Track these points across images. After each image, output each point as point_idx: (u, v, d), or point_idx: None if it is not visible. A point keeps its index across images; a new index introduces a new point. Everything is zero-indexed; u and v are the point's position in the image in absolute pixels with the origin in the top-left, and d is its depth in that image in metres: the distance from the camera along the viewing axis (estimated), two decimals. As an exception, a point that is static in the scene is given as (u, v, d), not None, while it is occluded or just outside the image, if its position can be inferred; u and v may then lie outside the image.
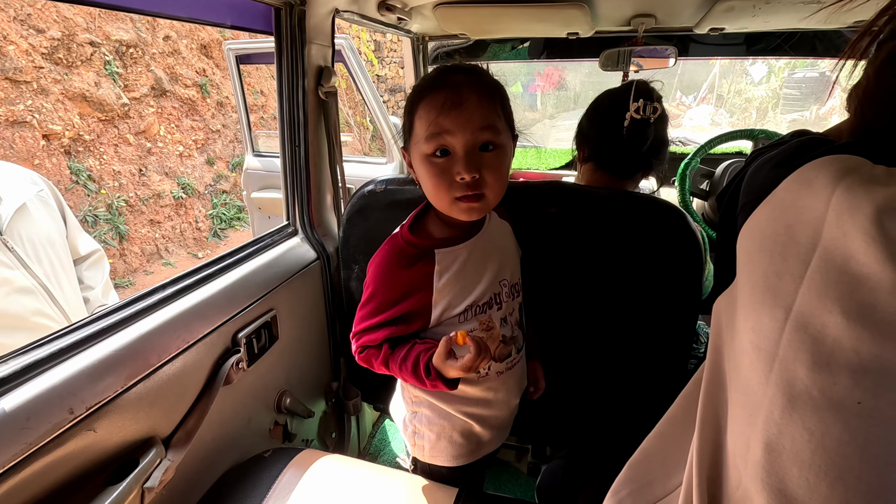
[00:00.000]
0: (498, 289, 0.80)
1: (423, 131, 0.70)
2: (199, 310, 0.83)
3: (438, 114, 0.68)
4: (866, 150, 0.41)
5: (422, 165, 0.72)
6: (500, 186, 0.73)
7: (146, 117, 4.92)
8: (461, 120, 0.67)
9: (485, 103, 0.70)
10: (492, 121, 0.70)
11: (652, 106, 1.01)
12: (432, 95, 0.70)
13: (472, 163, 0.68)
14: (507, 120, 0.75)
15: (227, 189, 5.95)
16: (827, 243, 0.37)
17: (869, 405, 0.33)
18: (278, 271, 1.05)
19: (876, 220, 0.33)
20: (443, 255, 0.76)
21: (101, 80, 4.47)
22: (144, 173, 4.89)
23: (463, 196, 0.70)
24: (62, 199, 1.20)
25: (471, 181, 0.69)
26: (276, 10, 1.01)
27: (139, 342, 0.72)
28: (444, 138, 0.68)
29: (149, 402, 0.73)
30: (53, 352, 0.63)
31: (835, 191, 0.37)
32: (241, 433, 0.97)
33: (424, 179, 0.73)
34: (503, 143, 0.72)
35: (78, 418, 0.62)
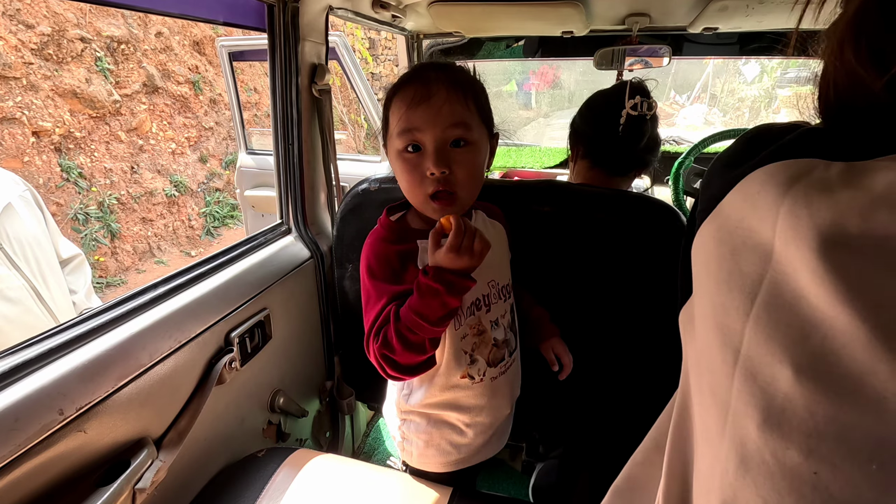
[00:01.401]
0: (486, 290, 0.78)
1: (396, 126, 0.71)
2: (192, 309, 0.83)
3: (408, 108, 0.69)
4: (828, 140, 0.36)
5: (395, 161, 0.73)
6: (472, 184, 0.72)
7: (138, 114, 4.87)
8: (429, 114, 0.68)
9: (455, 98, 0.69)
10: (462, 117, 0.69)
11: (648, 102, 1.02)
12: (403, 90, 0.71)
13: (441, 158, 0.68)
14: (482, 117, 0.74)
15: (221, 187, 5.91)
16: (775, 277, 0.32)
17: (826, 478, 0.28)
18: (271, 270, 1.04)
19: (821, 251, 0.29)
20: (425, 247, 0.73)
21: (92, 76, 4.42)
22: (136, 171, 4.84)
23: (435, 193, 0.70)
24: (42, 203, 1.19)
25: (440, 177, 0.69)
26: (270, 6, 1.00)
27: (130, 342, 0.71)
28: (413, 134, 0.69)
29: (140, 403, 0.72)
30: (43, 352, 0.63)
31: (779, 212, 0.32)
32: (234, 433, 0.96)
33: (398, 175, 0.74)
34: (475, 140, 0.71)
35: (68, 419, 0.61)
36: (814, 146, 0.36)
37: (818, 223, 0.29)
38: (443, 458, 0.85)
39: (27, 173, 3.90)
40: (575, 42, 1.76)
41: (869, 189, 0.29)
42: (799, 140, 0.37)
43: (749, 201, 0.35)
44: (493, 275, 0.80)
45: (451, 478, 0.89)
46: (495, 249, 0.79)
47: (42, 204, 1.20)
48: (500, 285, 0.81)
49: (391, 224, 0.78)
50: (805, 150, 0.35)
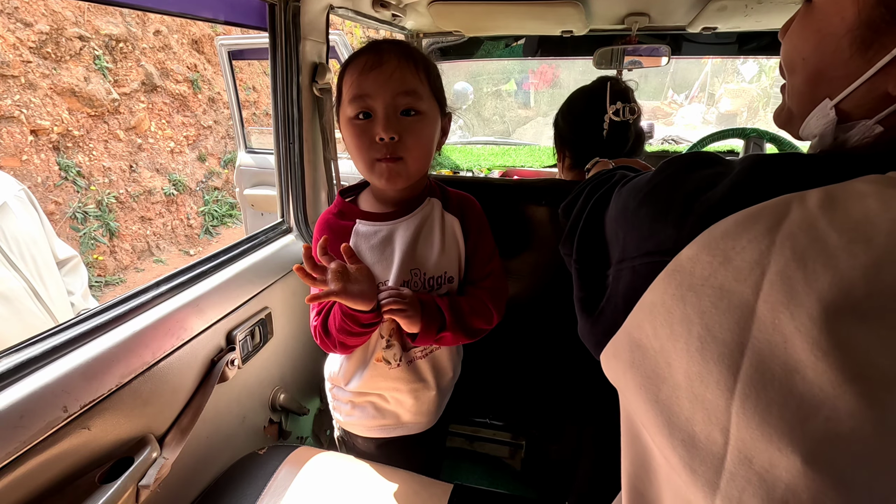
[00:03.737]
0: (407, 277, 0.79)
1: (346, 94, 0.72)
2: (194, 307, 0.83)
3: (359, 74, 0.70)
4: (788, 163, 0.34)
5: (346, 129, 0.74)
6: (420, 152, 0.74)
7: (136, 113, 4.86)
8: (380, 80, 0.70)
9: (406, 66, 0.71)
10: (413, 85, 0.71)
11: (630, 107, 0.99)
12: (356, 60, 0.72)
13: (390, 124, 0.70)
14: (433, 91, 0.76)
15: (219, 186, 5.90)
16: (760, 347, 0.28)
17: None
18: (272, 268, 1.04)
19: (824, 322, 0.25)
20: (361, 226, 0.80)
21: (90, 74, 4.41)
22: (135, 169, 4.83)
23: (382, 158, 0.72)
24: (37, 203, 1.19)
25: (389, 142, 0.70)
26: (271, 5, 1.00)
27: (133, 340, 0.72)
28: (364, 101, 0.70)
29: (143, 400, 0.72)
30: (47, 349, 0.63)
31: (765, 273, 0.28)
32: (235, 431, 0.97)
33: (347, 142, 0.75)
34: (425, 111, 0.73)
35: (72, 416, 0.61)
36: (777, 175, 0.33)
37: (818, 288, 0.26)
38: (368, 420, 0.89)
39: (25, 172, 3.89)
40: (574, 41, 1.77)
41: (867, 237, 0.26)
42: (755, 171, 0.34)
43: (718, 256, 0.31)
44: (418, 264, 0.80)
45: (384, 453, 0.92)
46: (436, 241, 0.81)
47: (37, 204, 1.20)
48: (426, 276, 0.80)
49: (341, 201, 0.83)
50: (770, 185, 0.32)
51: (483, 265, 0.85)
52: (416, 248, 0.79)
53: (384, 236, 0.79)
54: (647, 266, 0.36)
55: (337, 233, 0.80)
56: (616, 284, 0.41)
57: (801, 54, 0.40)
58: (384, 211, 0.81)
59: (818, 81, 0.39)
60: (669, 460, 0.35)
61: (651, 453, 0.40)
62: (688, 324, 0.32)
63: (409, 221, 0.80)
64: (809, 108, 0.41)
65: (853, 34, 0.35)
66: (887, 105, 0.35)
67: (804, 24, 0.40)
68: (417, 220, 0.81)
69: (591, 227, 0.51)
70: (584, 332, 0.46)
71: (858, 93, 0.36)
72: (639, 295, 0.36)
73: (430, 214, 0.82)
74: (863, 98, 0.36)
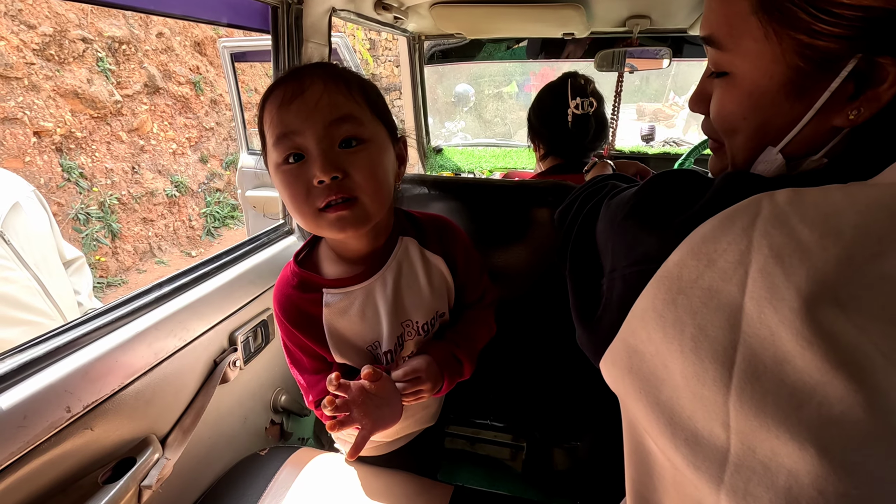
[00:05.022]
0: (399, 330, 0.70)
1: (270, 136, 0.59)
2: (196, 308, 0.83)
3: (279, 108, 0.58)
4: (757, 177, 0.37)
5: (276, 177, 0.61)
6: (375, 186, 0.60)
7: (139, 114, 4.88)
8: (306, 110, 0.57)
9: (334, 89, 0.59)
10: (347, 109, 0.59)
11: (588, 101, 1.14)
12: (274, 93, 0.59)
13: (328, 160, 0.56)
14: (377, 114, 0.63)
15: (221, 187, 5.91)
16: (751, 342, 0.29)
17: None
18: (275, 270, 1.04)
19: (805, 313, 0.27)
20: (332, 298, 0.67)
21: (93, 76, 4.43)
22: (137, 171, 4.85)
23: (327, 205, 0.58)
24: (46, 204, 1.20)
25: (332, 183, 0.57)
26: (274, 8, 1.00)
27: (136, 340, 0.72)
28: (291, 140, 0.57)
29: (146, 401, 0.72)
30: (50, 350, 0.63)
31: (748, 272, 0.30)
32: (237, 432, 0.97)
33: (282, 193, 0.61)
34: (370, 137, 0.60)
35: (75, 416, 0.62)
36: (748, 183, 0.35)
37: (796, 282, 0.27)
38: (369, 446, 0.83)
39: (28, 173, 3.90)
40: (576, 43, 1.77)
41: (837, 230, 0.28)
42: (731, 182, 0.37)
43: (703, 259, 0.32)
44: (409, 315, 0.70)
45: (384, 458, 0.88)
46: (422, 287, 0.71)
47: (46, 204, 1.21)
48: (418, 324, 0.71)
49: (297, 270, 0.69)
50: (741, 191, 0.34)
51: (476, 288, 0.80)
52: (401, 300, 0.69)
53: (362, 302, 0.67)
54: (636, 274, 0.38)
55: (305, 312, 0.67)
56: (610, 293, 0.42)
57: (740, 116, 0.42)
58: (352, 272, 0.68)
59: (763, 134, 0.41)
60: (673, 461, 0.36)
61: (654, 458, 0.41)
62: (680, 325, 0.33)
63: (385, 275, 0.68)
64: (754, 157, 0.42)
65: (787, 87, 0.37)
66: (832, 138, 0.37)
67: (731, 91, 0.42)
68: (394, 269, 0.69)
69: (582, 238, 0.52)
70: (583, 341, 0.47)
71: (802, 133, 0.38)
72: (631, 302, 0.38)
73: (408, 257, 0.71)
74: (807, 137, 0.39)
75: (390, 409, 0.63)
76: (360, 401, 0.60)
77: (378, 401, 0.61)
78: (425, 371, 0.67)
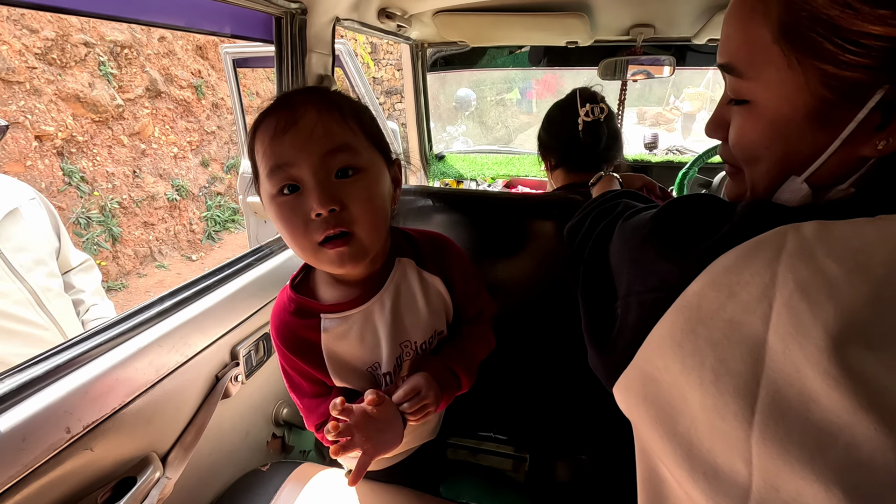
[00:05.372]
0: (398, 351, 0.69)
1: (263, 166, 0.58)
2: (197, 323, 0.82)
3: (272, 139, 0.56)
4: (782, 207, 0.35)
5: (270, 208, 0.59)
6: (372, 219, 0.59)
7: (140, 118, 4.89)
8: (300, 141, 0.56)
9: (328, 118, 0.58)
10: (343, 138, 0.58)
11: (599, 107, 1.11)
12: (265, 122, 0.58)
13: (326, 193, 0.55)
14: (371, 140, 0.62)
15: (222, 191, 5.91)
16: (775, 377, 0.28)
17: None
18: (277, 281, 1.04)
19: (833, 352, 0.26)
20: (330, 323, 0.66)
21: (95, 80, 4.43)
22: (138, 175, 4.85)
23: (325, 239, 0.57)
24: (56, 215, 1.20)
25: (329, 216, 0.56)
26: (277, 18, 1.00)
27: (137, 357, 0.71)
28: (286, 171, 0.56)
29: (146, 419, 0.71)
30: (49, 369, 0.62)
31: (772, 305, 0.29)
32: (238, 447, 0.96)
33: (277, 225, 0.60)
34: (366, 166, 0.59)
35: (75, 437, 0.61)
36: (773, 214, 0.34)
37: (823, 319, 0.27)
38: None
39: (29, 177, 3.90)
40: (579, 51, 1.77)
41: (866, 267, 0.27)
42: (755, 211, 0.36)
43: (724, 290, 0.32)
44: (407, 336, 0.69)
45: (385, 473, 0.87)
46: (420, 308, 0.71)
47: (54, 211, 1.20)
48: (417, 344, 0.70)
49: (294, 296, 0.68)
50: (765, 221, 0.33)
51: (474, 305, 0.79)
52: (400, 322, 0.68)
53: (360, 325, 0.67)
54: (653, 301, 0.37)
55: (303, 338, 0.66)
56: (625, 318, 0.41)
57: (763, 145, 0.40)
58: (350, 296, 0.67)
59: (786, 163, 0.39)
60: (690, 494, 0.35)
61: (669, 488, 0.40)
62: (700, 356, 0.32)
63: (383, 297, 0.67)
64: (777, 186, 0.41)
65: (811, 117, 0.36)
66: (859, 167, 0.36)
67: (752, 120, 0.40)
68: (392, 291, 0.68)
69: (595, 258, 0.51)
70: (595, 364, 0.46)
71: (827, 163, 0.37)
72: (647, 329, 0.37)
73: (405, 279, 0.70)
74: (833, 166, 0.37)
75: (392, 433, 0.63)
76: (362, 425, 0.59)
77: (380, 425, 0.61)
78: (425, 387, 0.66)
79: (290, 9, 0.97)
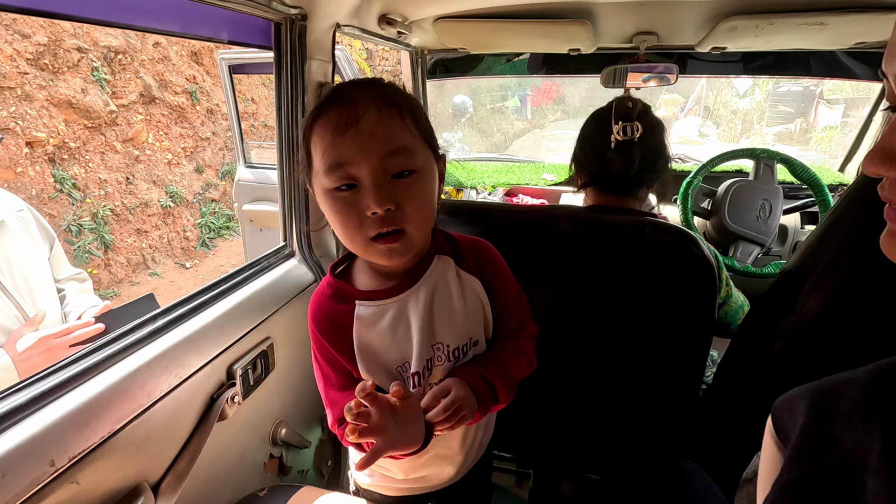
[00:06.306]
0: (430, 353, 0.67)
1: (320, 162, 0.59)
2: (192, 342, 0.78)
3: (333, 136, 0.57)
4: None
5: (325, 202, 0.61)
6: (422, 219, 0.61)
7: (134, 124, 4.83)
8: (361, 141, 0.56)
9: (389, 118, 0.58)
10: (402, 141, 0.59)
11: (633, 125, 0.99)
12: (324, 115, 0.59)
13: (383, 194, 0.57)
14: (424, 137, 0.63)
15: (217, 198, 5.86)
16: None
17: None
18: (275, 296, 1.00)
19: None
20: (364, 310, 0.66)
21: (88, 86, 4.38)
22: (132, 181, 4.79)
23: (378, 235, 0.59)
24: (48, 226, 1.16)
25: (385, 215, 0.58)
26: (276, 24, 0.97)
27: (127, 381, 0.67)
28: (345, 169, 0.57)
29: (137, 446, 0.67)
30: (33, 397, 0.58)
31: None
32: (234, 469, 0.91)
33: (331, 218, 0.62)
34: (421, 167, 0.60)
35: (59, 470, 0.56)
36: None
37: None
38: (391, 483, 0.81)
39: (20, 184, 3.84)
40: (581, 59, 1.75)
41: None
42: None
43: None
44: (440, 337, 0.68)
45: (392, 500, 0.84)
46: (456, 307, 0.69)
47: (45, 223, 1.16)
48: (449, 348, 0.68)
49: (333, 281, 0.70)
50: None
51: (515, 315, 0.76)
52: (433, 319, 0.67)
53: (393, 316, 0.66)
54: None
55: (336, 322, 0.67)
56: None
57: None
58: (386, 286, 0.67)
59: None
60: None
61: None
62: None
63: (419, 291, 0.67)
64: None
65: None
66: None
67: None
68: (429, 286, 0.68)
69: None
70: None
71: None
72: None
73: (443, 276, 0.69)
74: None
75: (410, 433, 0.60)
76: (382, 414, 0.57)
77: (400, 420, 0.59)
78: (457, 389, 0.63)
79: (290, 14, 0.94)
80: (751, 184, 1.57)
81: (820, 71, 1.81)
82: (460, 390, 0.63)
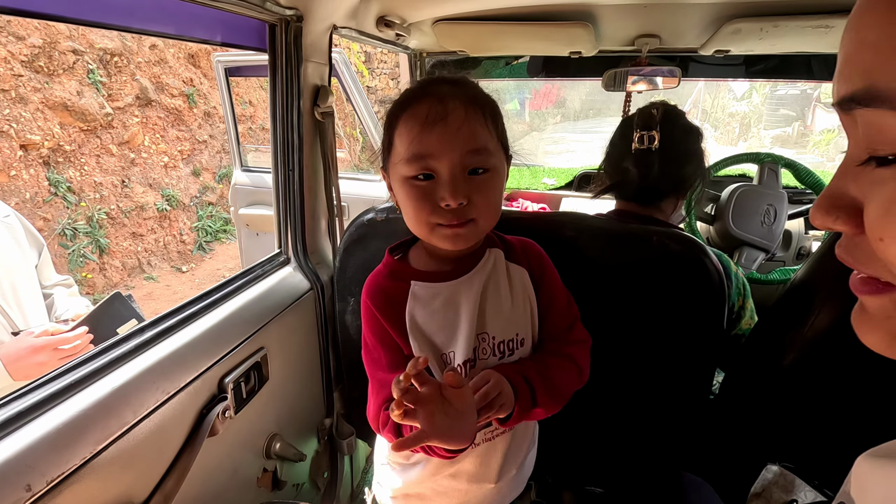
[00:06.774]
0: (476, 343, 0.68)
1: (404, 151, 0.62)
2: (182, 355, 0.75)
3: (421, 129, 0.60)
4: None
5: (401, 188, 0.64)
6: (490, 213, 0.65)
7: (130, 127, 4.80)
8: (446, 137, 0.60)
9: (474, 118, 0.61)
10: (483, 141, 0.62)
11: (649, 135, 0.98)
12: (414, 108, 0.62)
13: (458, 188, 0.60)
14: (499, 138, 0.66)
15: (213, 201, 5.82)
16: None
17: None
18: (269, 305, 0.97)
19: None
20: (417, 289, 0.69)
21: (83, 88, 4.35)
22: (127, 185, 4.75)
23: (448, 224, 0.62)
24: (36, 233, 1.13)
25: (457, 208, 0.61)
26: (271, 26, 0.94)
27: (112, 398, 0.64)
28: (427, 161, 0.60)
29: (122, 466, 0.64)
30: (8, 417, 0.55)
31: None
32: (225, 486, 0.88)
33: (404, 203, 0.65)
34: (494, 166, 0.63)
35: (37, 495, 0.53)
36: None
37: None
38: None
39: (13, 187, 3.80)
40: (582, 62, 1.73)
41: None
42: None
43: None
44: (487, 328, 0.68)
45: None
46: (504, 299, 0.70)
47: (32, 230, 1.14)
48: (495, 340, 0.69)
49: (391, 261, 0.73)
50: None
51: (564, 315, 0.75)
52: (483, 309, 0.68)
53: (446, 298, 0.68)
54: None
55: (392, 298, 0.69)
56: None
57: None
58: (441, 269, 0.70)
59: None
60: None
61: None
62: None
63: (471, 279, 0.69)
64: None
65: None
66: None
67: None
68: (482, 276, 0.69)
69: None
70: None
71: None
72: None
73: (495, 268, 0.71)
74: None
75: (459, 426, 0.55)
76: (430, 399, 0.54)
77: (450, 410, 0.55)
78: (494, 380, 0.62)
79: (285, 15, 0.92)
80: (755, 188, 1.54)
81: (822, 74, 1.79)
82: (498, 381, 0.63)
